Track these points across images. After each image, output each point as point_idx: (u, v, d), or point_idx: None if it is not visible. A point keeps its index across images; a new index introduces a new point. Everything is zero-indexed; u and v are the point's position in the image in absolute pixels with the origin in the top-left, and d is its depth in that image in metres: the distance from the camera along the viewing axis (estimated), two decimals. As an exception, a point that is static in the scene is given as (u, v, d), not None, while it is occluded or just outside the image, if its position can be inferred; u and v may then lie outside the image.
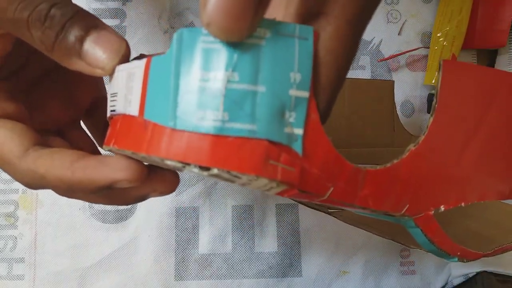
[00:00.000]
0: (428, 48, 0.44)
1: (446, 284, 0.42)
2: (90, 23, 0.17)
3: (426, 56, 0.44)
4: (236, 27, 0.13)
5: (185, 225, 0.41)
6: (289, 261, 0.41)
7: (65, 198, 0.42)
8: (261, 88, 0.14)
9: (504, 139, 0.21)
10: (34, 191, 0.41)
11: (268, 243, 0.41)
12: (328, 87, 0.15)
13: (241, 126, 0.14)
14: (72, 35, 0.16)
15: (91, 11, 0.42)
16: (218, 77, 0.14)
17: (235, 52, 0.14)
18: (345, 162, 0.16)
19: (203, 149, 0.14)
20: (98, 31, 0.17)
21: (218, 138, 0.14)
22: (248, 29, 0.14)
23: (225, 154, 0.14)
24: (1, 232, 0.40)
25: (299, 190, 0.15)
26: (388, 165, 0.17)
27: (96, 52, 0.17)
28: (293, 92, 0.14)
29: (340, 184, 0.16)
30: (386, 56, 0.44)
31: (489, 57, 0.46)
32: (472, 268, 0.41)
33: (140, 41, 0.43)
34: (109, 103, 0.18)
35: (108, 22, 0.43)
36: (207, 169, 0.14)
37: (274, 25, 0.14)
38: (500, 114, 0.21)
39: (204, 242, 0.41)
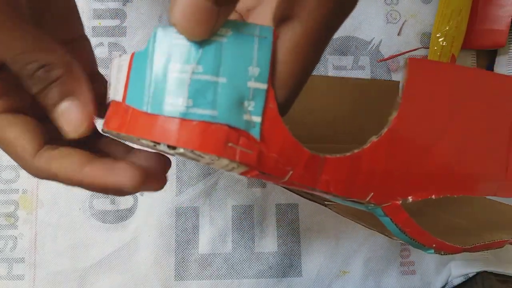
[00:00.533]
0: (428, 48, 0.44)
1: (446, 284, 0.42)
2: (68, 89, 0.19)
3: (425, 57, 0.44)
4: (198, 30, 0.15)
5: (185, 225, 0.41)
6: (289, 261, 0.41)
7: (65, 198, 0.42)
8: (222, 79, 0.16)
9: (483, 136, 0.21)
10: (34, 192, 0.41)
11: (268, 243, 0.41)
12: (288, 83, 0.17)
13: (203, 112, 0.16)
14: (50, 98, 0.19)
15: (91, 12, 0.43)
16: (184, 68, 0.16)
17: (200, 47, 0.16)
18: (303, 148, 0.17)
19: (171, 131, 0.16)
20: (71, 100, 0.19)
21: (184, 122, 0.16)
22: (209, 32, 0.15)
23: (189, 136, 0.16)
24: (1, 232, 0.40)
25: (259, 172, 0.17)
26: (348, 154, 0.18)
27: (60, 122, 0.19)
28: (252, 84, 0.16)
29: (298, 169, 0.17)
30: (385, 57, 0.44)
31: (488, 57, 0.46)
32: (472, 268, 0.41)
33: (140, 41, 0.43)
34: (108, 91, 0.21)
35: (108, 22, 0.43)
36: (173, 148, 0.16)
37: (236, 25, 0.16)
38: (477, 111, 0.21)
39: (204, 242, 0.41)
